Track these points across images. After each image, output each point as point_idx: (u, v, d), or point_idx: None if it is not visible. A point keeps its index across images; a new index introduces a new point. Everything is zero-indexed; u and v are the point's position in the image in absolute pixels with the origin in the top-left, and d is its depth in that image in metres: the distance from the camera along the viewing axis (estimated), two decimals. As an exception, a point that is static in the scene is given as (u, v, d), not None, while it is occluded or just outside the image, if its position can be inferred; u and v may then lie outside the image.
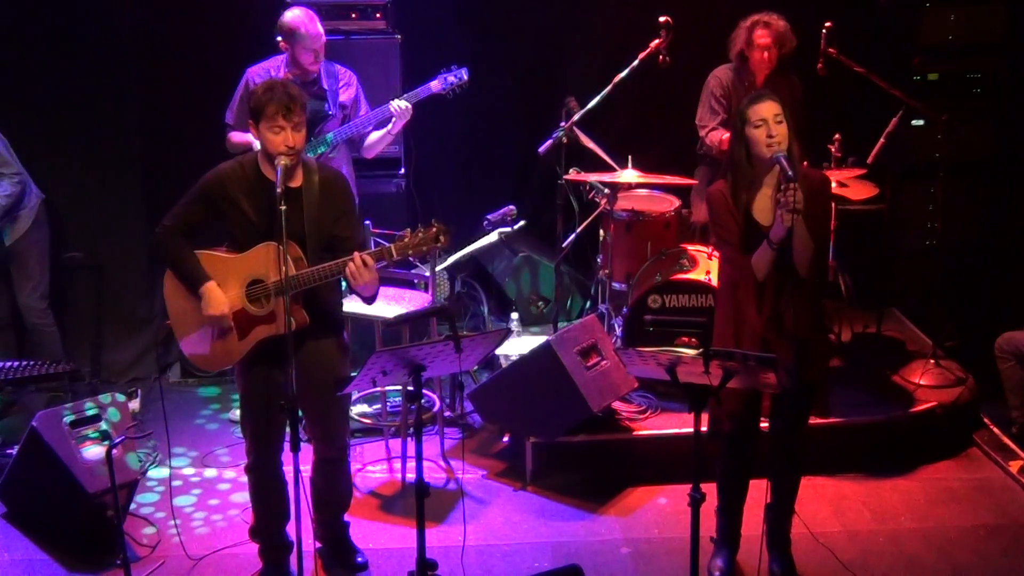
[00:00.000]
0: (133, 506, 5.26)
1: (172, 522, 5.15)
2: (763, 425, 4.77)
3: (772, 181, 4.46)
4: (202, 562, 4.98)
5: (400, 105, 5.72)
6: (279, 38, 5.78)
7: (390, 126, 5.82)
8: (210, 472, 5.71)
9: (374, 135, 5.92)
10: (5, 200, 5.79)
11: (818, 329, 4.63)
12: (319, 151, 5.70)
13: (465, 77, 5.81)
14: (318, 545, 4.93)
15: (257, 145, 5.60)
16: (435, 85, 5.82)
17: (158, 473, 5.61)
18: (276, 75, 5.78)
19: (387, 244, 4.40)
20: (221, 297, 4.43)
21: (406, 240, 4.32)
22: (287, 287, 4.25)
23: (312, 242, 4.41)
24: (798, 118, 4.57)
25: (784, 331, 4.47)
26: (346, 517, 5.01)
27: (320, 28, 5.73)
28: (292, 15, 5.72)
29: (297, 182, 4.45)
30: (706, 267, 5.96)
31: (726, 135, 6.08)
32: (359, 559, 4.95)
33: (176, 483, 5.52)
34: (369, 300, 4.51)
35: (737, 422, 4.67)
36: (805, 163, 4.75)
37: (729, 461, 4.74)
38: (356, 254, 4.30)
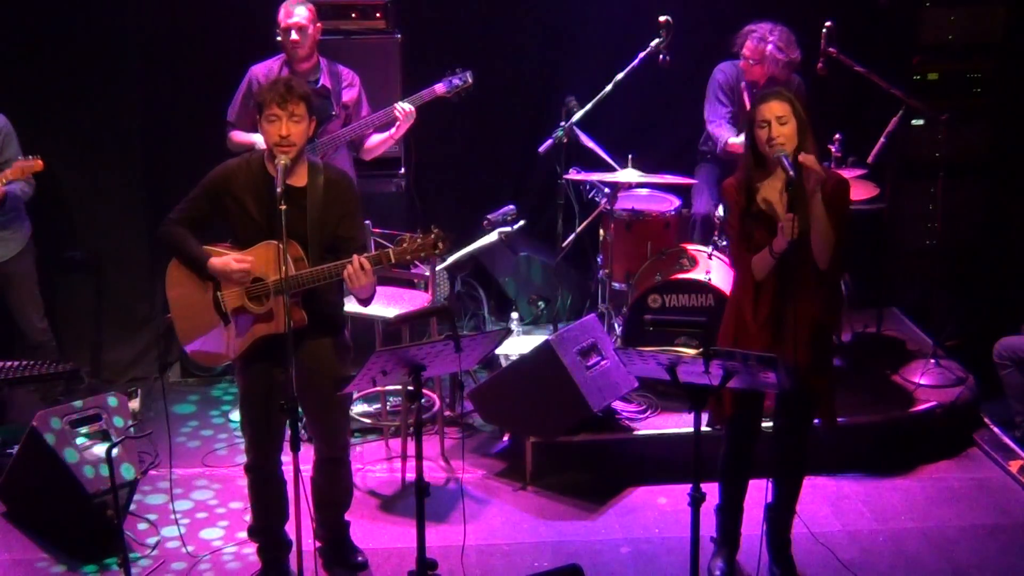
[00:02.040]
0: (133, 506, 5.26)
1: (173, 515, 5.15)
2: (766, 424, 4.77)
3: (783, 175, 4.46)
4: (202, 562, 4.98)
5: (404, 108, 5.72)
6: (278, 36, 5.81)
7: (393, 130, 5.82)
8: (208, 475, 5.72)
9: (375, 138, 5.92)
10: (23, 196, 5.69)
11: (822, 338, 4.62)
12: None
13: (470, 80, 5.81)
14: (318, 545, 4.93)
15: (260, 144, 5.64)
16: (439, 88, 5.82)
17: (158, 473, 5.62)
18: (280, 73, 5.81)
19: (387, 246, 4.40)
20: (226, 259, 4.42)
21: (405, 245, 4.31)
22: (286, 286, 4.26)
23: (314, 242, 4.42)
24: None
25: (782, 336, 4.47)
26: (346, 517, 5.01)
27: (292, 10, 5.71)
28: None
29: (302, 181, 4.46)
30: (706, 267, 5.96)
31: (732, 139, 6.09)
32: (359, 559, 4.95)
33: (177, 491, 5.52)
34: (365, 303, 4.51)
35: (737, 420, 4.67)
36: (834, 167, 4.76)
37: (729, 459, 4.74)
38: (355, 257, 4.29)
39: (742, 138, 6.00)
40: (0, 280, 5.83)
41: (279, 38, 5.80)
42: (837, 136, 6.05)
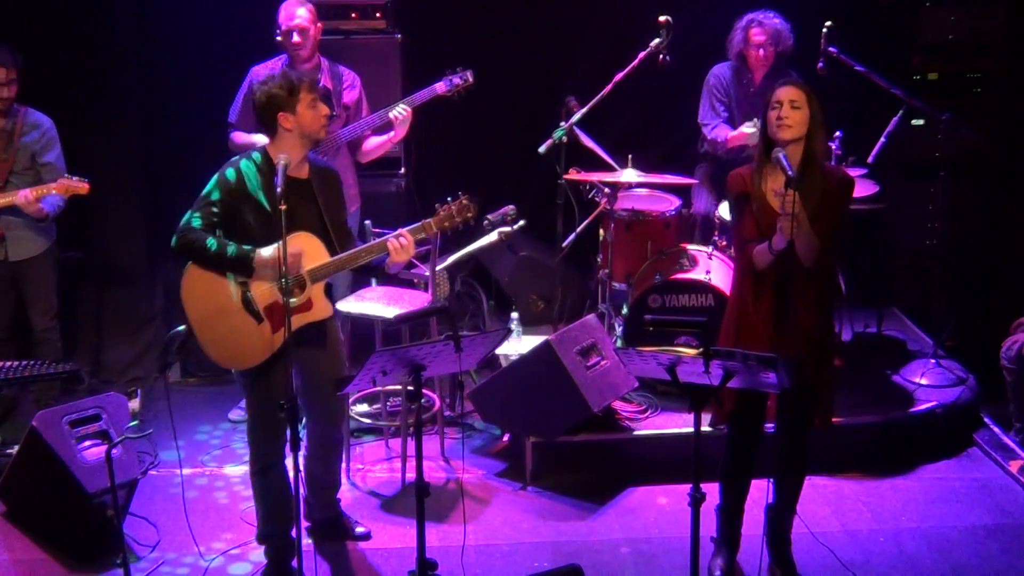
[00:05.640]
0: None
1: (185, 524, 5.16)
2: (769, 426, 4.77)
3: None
4: (203, 562, 4.98)
5: (399, 113, 5.72)
6: (278, 36, 5.81)
7: (392, 134, 5.83)
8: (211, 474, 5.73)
9: (373, 140, 5.92)
10: (54, 211, 5.71)
11: (824, 333, 4.63)
12: None
13: (471, 79, 5.83)
14: (306, 524, 4.98)
15: (261, 144, 5.65)
16: (440, 87, 5.83)
17: (158, 473, 5.62)
18: None
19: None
20: (271, 252, 4.44)
21: (441, 214, 4.57)
22: (288, 290, 4.30)
23: (335, 226, 4.59)
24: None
25: (789, 329, 4.47)
26: (348, 516, 5.07)
27: (294, 11, 5.73)
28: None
29: (305, 173, 4.58)
30: (706, 267, 5.96)
31: (731, 133, 6.13)
32: (361, 530, 5.06)
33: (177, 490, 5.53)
34: (390, 277, 4.81)
35: (739, 422, 4.67)
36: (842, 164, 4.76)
37: (730, 460, 4.74)
38: (397, 232, 4.53)
39: (741, 130, 6.07)
40: (18, 277, 5.85)
41: (279, 39, 5.81)
42: (837, 136, 6.06)
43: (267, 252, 4.45)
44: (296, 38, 5.72)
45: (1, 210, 5.62)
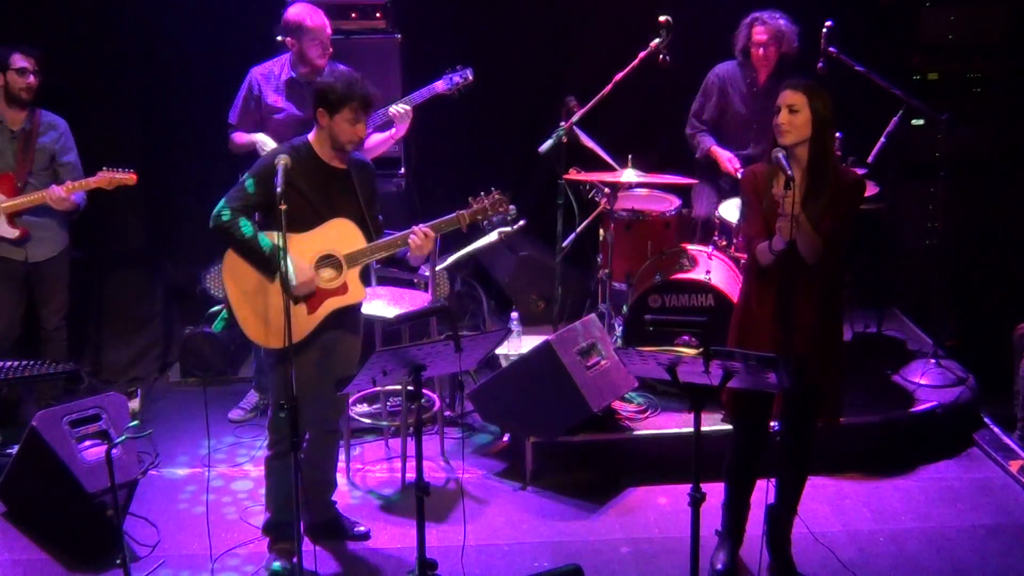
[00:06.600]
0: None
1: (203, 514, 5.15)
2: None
3: (799, 169, 4.46)
4: (203, 561, 4.97)
5: (400, 109, 5.74)
6: (282, 37, 5.81)
7: (393, 131, 5.84)
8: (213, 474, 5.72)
9: (374, 138, 5.93)
10: (83, 204, 5.75)
11: (830, 332, 4.63)
12: None
13: (470, 77, 5.84)
14: (306, 528, 4.96)
15: (262, 146, 5.66)
16: (440, 85, 5.84)
17: (158, 473, 5.61)
18: (281, 75, 5.81)
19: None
20: (301, 266, 4.58)
21: (475, 208, 4.79)
22: (288, 290, 4.32)
23: (371, 216, 4.71)
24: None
25: (793, 328, 4.46)
26: (347, 517, 5.06)
27: (325, 20, 5.77)
28: (295, 10, 5.76)
29: (344, 164, 4.71)
30: (706, 267, 5.96)
31: (712, 147, 6.17)
32: (361, 529, 5.07)
33: (185, 493, 5.52)
34: (416, 269, 4.96)
35: (745, 422, 4.67)
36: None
37: (736, 457, 4.74)
38: (418, 227, 4.67)
39: (719, 153, 6.13)
40: (33, 276, 5.87)
41: (285, 37, 5.79)
42: (837, 136, 6.04)
43: (291, 268, 4.53)
44: (327, 48, 5.74)
45: (24, 211, 5.64)
